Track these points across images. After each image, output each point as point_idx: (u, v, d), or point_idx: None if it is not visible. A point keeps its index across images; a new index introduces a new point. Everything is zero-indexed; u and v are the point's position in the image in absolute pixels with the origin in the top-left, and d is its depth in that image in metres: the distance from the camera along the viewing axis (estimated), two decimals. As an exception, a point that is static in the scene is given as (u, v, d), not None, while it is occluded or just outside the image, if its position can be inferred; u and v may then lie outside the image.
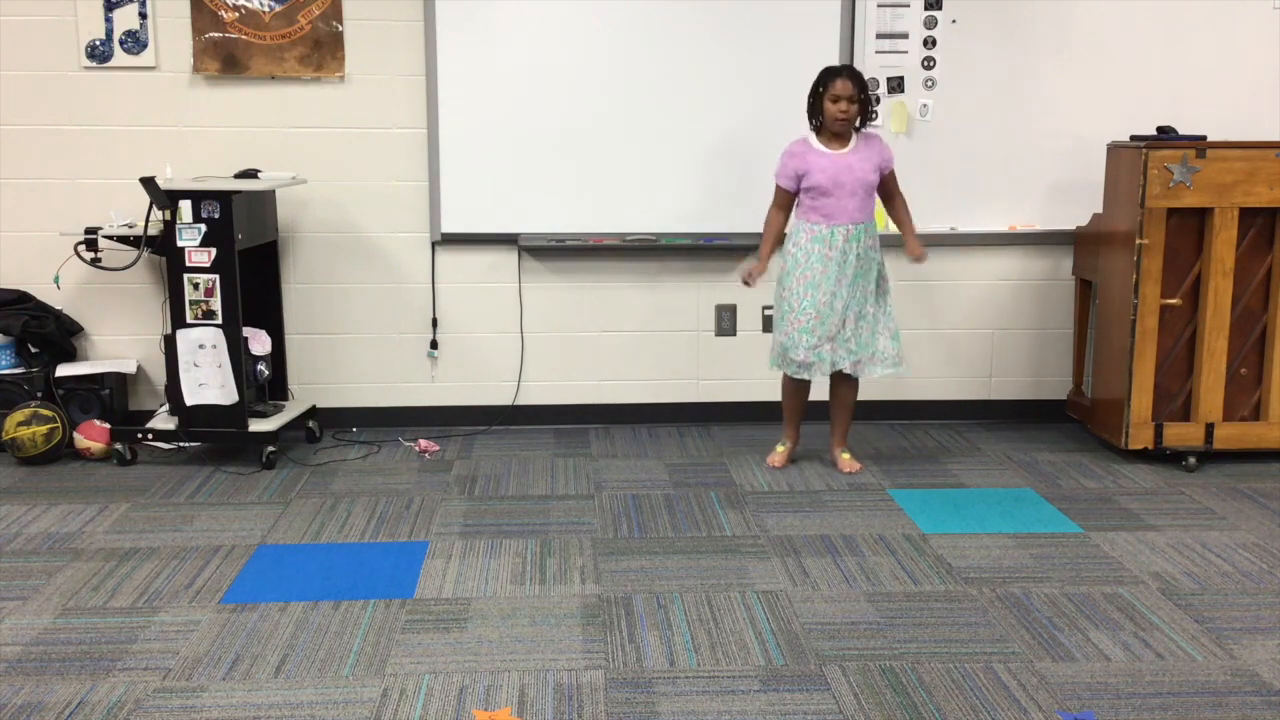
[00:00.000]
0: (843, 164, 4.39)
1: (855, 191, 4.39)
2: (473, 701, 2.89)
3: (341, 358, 5.26)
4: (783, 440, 4.81)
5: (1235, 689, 2.95)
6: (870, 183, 4.42)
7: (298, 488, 4.51)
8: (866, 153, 4.42)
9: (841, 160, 4.39)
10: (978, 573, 3.68)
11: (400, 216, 5.15)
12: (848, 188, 4.38)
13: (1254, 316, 4.72)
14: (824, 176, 4.38)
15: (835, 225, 4.40)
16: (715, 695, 2.92)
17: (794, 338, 4.49)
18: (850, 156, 4.40)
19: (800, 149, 4.45)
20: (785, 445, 4.79)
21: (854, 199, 4.39)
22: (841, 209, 4.39)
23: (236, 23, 4.93)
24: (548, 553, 3.85)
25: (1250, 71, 5.16)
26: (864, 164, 4.40)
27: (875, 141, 4.48)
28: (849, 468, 4.70)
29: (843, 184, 4.38)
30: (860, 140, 4.45)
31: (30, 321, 4.91)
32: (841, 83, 4.32)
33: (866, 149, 4.43)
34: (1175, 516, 4.20)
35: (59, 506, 4.29)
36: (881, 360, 4.56)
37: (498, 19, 4.99)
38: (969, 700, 2.90)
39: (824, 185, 4.38)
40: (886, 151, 4.48)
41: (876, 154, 4.44)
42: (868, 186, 4.42)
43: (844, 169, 4.38)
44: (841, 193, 4.38)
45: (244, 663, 3.10)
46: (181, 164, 4.97)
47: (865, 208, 4.43)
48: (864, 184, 4.40)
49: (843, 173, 4.38)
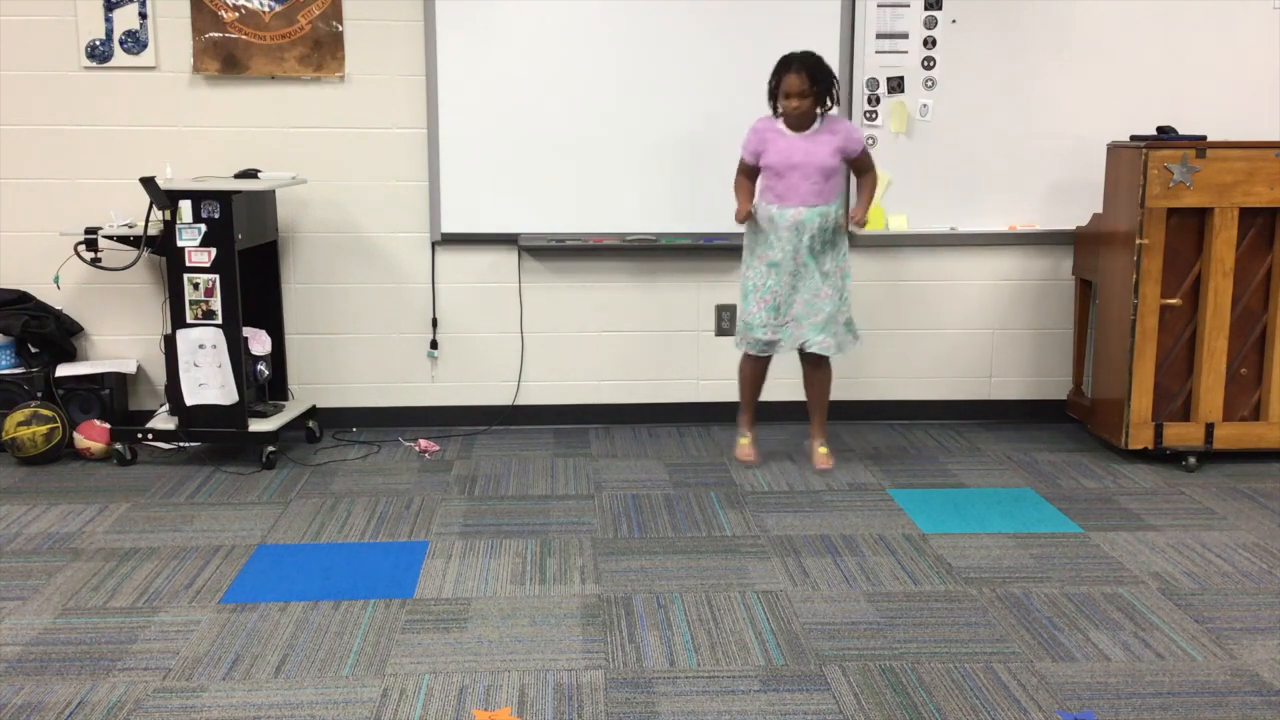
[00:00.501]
0: (799, 147, 4.39)
1: (809, 175, 4.38)
2: (473, 701, 2.89)
3: (341, 358, 5.26)
4: (742, 432, 4.82)
5: (1235, 689, 2.95)
6: (828, 167, 4.39)
7: (298, 488, 4.51)
8: (828, 137, 4.40)
9: (798, 143, 4.40)
10: (978, 573, 3.68)
11: (400, 216, 5.15)
12: (800, 170, 4.38)
13: (1254, 316, 4.72)
14: (778, 157, 4.39)
15: (786, 207, 4.42)
16: (715, 695, 2.92)
17: (758, 316, 4.52)
18: (808, 140, 4.40)
19: (764, 125, 4.47)
20: (747, 436, 4.80)
21: (807, 182, 4.38)
22: (794, 190, 4.40)
23: (236, 23, 4.93)
24: (548, 553, 3.85)
25: (1250, 71, 5.16)
26: (822, 148, 4.39)
27: (841, 125, 4.45)
28: (823, 464, 4.69)
29: (796, 166, 4.38)
30: (824, 124, 4.43)
31: (30, 321, 4.91)
32: (789, 79, 4.32)
33: (829, 133, 4.41)
34: (1175, 516, 4.20)
35: (59, 506, 4.29)
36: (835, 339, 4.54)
37: (498, 19, 4.99)
38: (969, 700, 2.90)
39: (777, 166, 4.40)
40: (854, 134, 4.45)
41: (840, 138, 4.41)
42: (824, 170, 4.39)
43: (799, 151, 4.39)
44: (794, 175, 4.38)
45: (244, 663, 3.10)
46: (181, 164, 4.97)
47: (822, 192, 4.41)
48: (820, 168, 4.38)
49: (797, 154, 4.38)
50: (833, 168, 4.41)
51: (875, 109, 5.14)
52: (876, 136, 5.15)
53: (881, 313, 5.34)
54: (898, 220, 5.23)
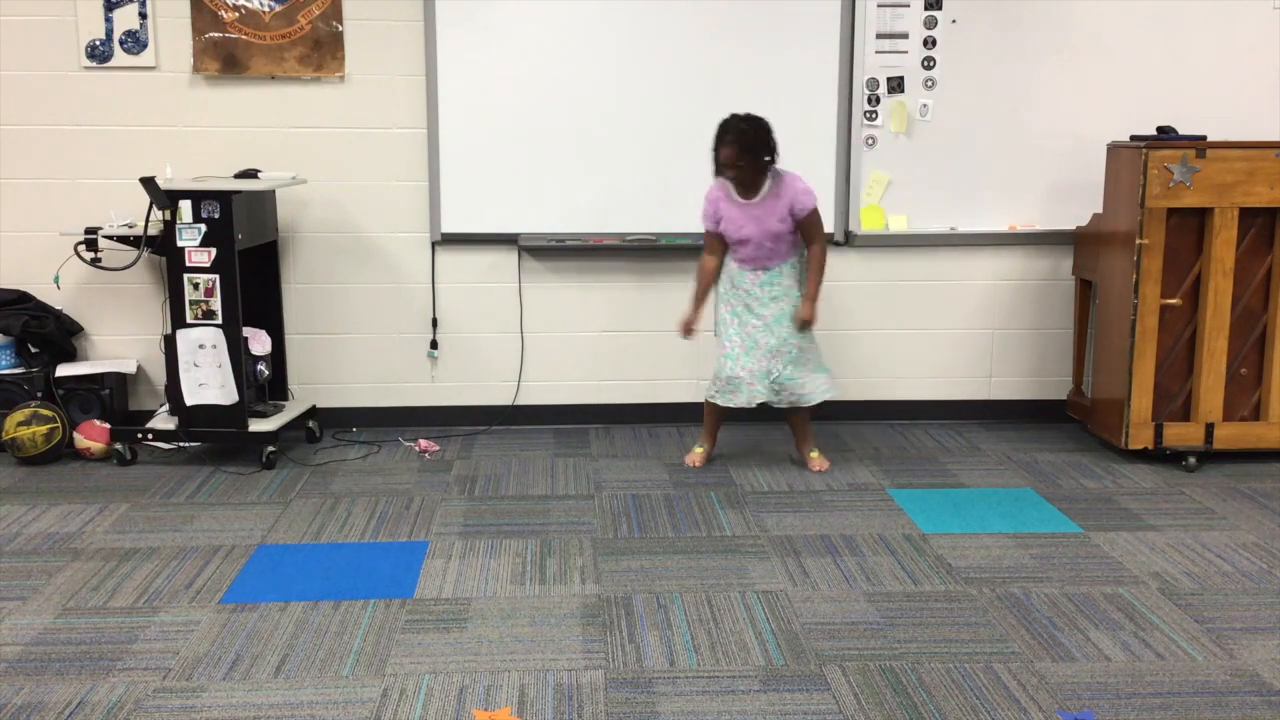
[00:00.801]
0: (749, 216, 4.45)
1: (761, 243, 4.47)
2: (473, 701, 2.89)
3: (341, 358, 5.26)
4: (700, 443, 4.85)
5: (1235, 689, 2.95)
6: (777, 232, 4.45)
7: (298, 488, 4.51)
8: (773, 201, 4.43)
9: (748, 212, 4.45)
10: (978, 573, 3.68)
11: (400, 216, 5.15)
12: (754, 240, 4.47)
13: (1254, 316, 4.72)
14: (731, 226, 4.48)
15: (744, 269, 4.53)
16: (715, 695, 2.92)
17: (722, 363, 4.58)
18: (758, 209, 4.44)
19: (716, 195, 4.53)
20: (703, 448, 4.83)
21: (761, 249, 4.48)
22: (750, 256, 4.51)
23: (236, 23, 4.93)
24: (548, 553, 3.85)
25: (1250, 71, 5.16)
26: (770, 215, 4.44)
27: (788, 189, 4.44)
28: (819, 466, 4.72)
29: (747, 237, 4.47)
30: (771, 186, 4.45)
31: (30, 321, 4.91)
32: (724, 151, 4.36)
33: (775, 198, 4.44)
34: (1175, 516, 4.20)
35: (59, 506, 4.29)
36: (812, 394, 4.59)
37: (498, 19, 4.99)
38: (969, 700, 2.90)
39: (732, 235, 4.49)
40: (799, 197, 4.43)
41: (786, 202, 4.43)
42: (774, 236, 4.46)
43: (750, 221, 4.45)
44: (748, 244, 4.48)
45: (244, 663, 3.10)
46: (181, 164, 4.97)
47: (775, 253, 4.50)
48: (769, 234, 4.45)
49: (748, 225, 4.45)
50: (782, 232, 4.47)
51: (875, 109, 5.14)
52: (876, 136, 5.15)
53: (882, 313, 5.34)
54: (898, 220, 5.23)
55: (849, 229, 5.23)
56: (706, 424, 4.82)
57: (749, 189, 4.45)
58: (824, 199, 5.17)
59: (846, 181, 5.18)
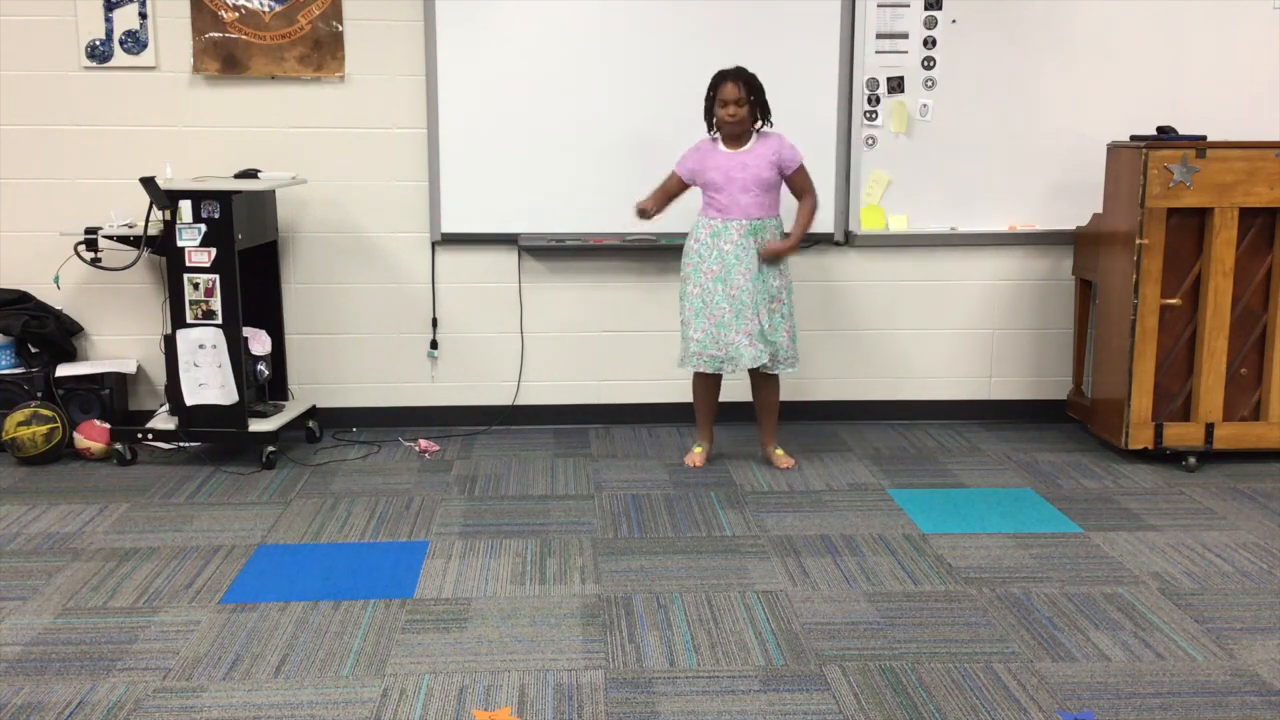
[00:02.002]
0: (736, 161, 4.46)
1: (749, 188, 4.45)
2: (473, 701, 2.89)
3: (341, 358, 5.26)
4: (699, 442, 4.83)
5: (1235, 689, 2.95)
6: (766, 179, 4.46)
7: (298, 488, 4.51)
8: (763, 151, 4.47)
9: (736, 158, 4.47)
10: (978, 573, 3.68)
11: (400, 216, 5.15)
12: (739, 183, 4.45)
13: (1254, 316, 4.72)
14: (718, 173, 4.47)
15: (730, 219, 4.48)
16: (715, 695, 2.92)
17: (711, 333, 4.51)
18: (745, 155, 4.46)
19: (705, 145, 4.56)
20: (702, 446, 4.82)
21: (747, 195, 4.45)
22: (735, 203, 4.47)
23: (236, 23, 4.93)
24: (548, 553, 3.85)
25: (1250, 71, 5.16)
26: (759, 161, 4.45)
27: (775, 140, 4.51)
28: (784, 464, 4.72)
29: (734, 179, 4.45)
30: (759, 140, 4.50)
31: (30, 321, 4.91)
32: (728, 86, 4.39)
33: (763, 147, 4.48)
34: (1175, 516, 4.20)
35: (59, 506, 4.29)
36: (782, 360, 4.61)
37: (498, 19, 4.99)
38: (969, 700, 2.90)
39: (717, 181, 4.47)
40: (787, 151, 4.49)
41: (774, 152, 4.47)
42: (762, 183, 4.46)
43: (737, 165, 4.46)
44: (733, 188, 4.45)
45: (244, 663, 3.10)
46: (181, 164, 4.96)
47: (762, 204, 4.48)
48: (758, 181, 4.45)
49: (735, 169, 4.45)
50: (770, 181, 4.48)
51: (875, 109, 5.14)
52: (876, 136, 5.15)
53: (882, 313, 5.34)
54: (898, 220, 5.23)
55: (849, 229, 5.23)
56: (700, 418, 4.79)
57: (738, 139, 4.48)
58: (824, 199, 5.16)
59: (846, 181, 5.18)
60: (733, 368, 4.55)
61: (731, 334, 4.49)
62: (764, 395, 4.73)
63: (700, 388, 4.73)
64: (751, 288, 4.47)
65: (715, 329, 4.51)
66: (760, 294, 4.50)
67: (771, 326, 4.55)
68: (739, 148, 4.49)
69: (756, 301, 4.49)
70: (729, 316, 4.49)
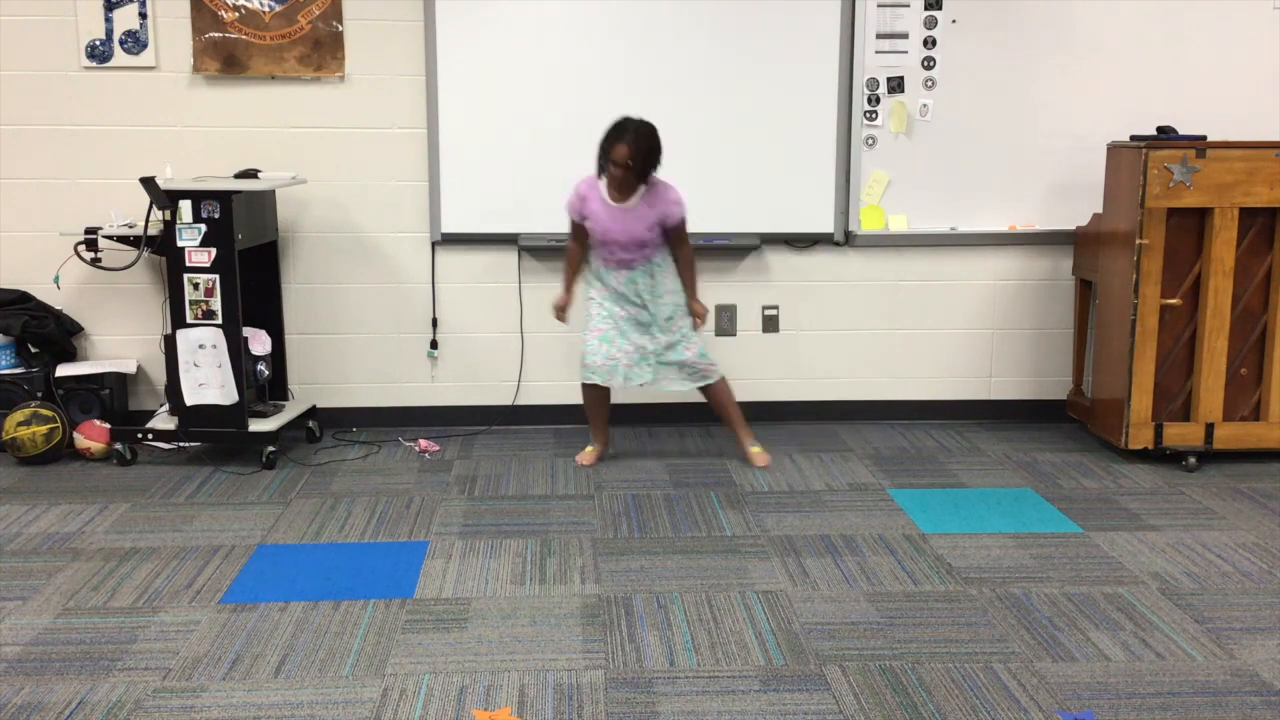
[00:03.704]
0: (616, 217, 4.46)
1: (626, 246, 4.48)
2: (473, 701, 2.89)
3: (341, 358, 5.26)
4: (592, 440, 4.88)
5: (1235, 689, 2.95)
6: (641, 239, 4.47)
7: (298, 488, 4.51)
8: (645, 210, 4.45)
9: (615, 214, 4.46)
10: (978, 573, 3.68)
11: (400, 216, 5.15)
12: (618, 242, 4.48)
13: (1254, 316, 4.72)
14: (596, 226, 4.49)
15: (608, 268, 4.56)
16: (715, 695, 2.92)
17: (591, 345, 4.61)
18: (627, 213, 4.45)
19: (586, 190, 4.53)
20: (593, 447, 4.85)
21: (625, 251, 4.50)
22: (612, 255, 4.53)
23: (236, 23, 4.93)
24: (548, 553, 3.85)
25: (1250, 71, 5.16)
26: (638, 222, 4.45)
27: (660, 195, 4.47)
28: (761, 461, 4.75)
29: (612, 239, 4.47)
30: (645, 194, 4.46)
31: (30, 321, 4.91)
32: (620, 148, 4.34)
33: (647, 205, 4.46)
34: (1175, 516, 4.20)
35: (59, 506, 4.29)
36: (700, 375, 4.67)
37: (498, 19, 4.99)
38: (969, 700, 2.90)
39: (596, 231, 4.50)
40: (671, 207, 4.47)
41: (657, 210, 4.46)
42: (638, 241, 4.48)
43: (615, 223, 4.46)
44: (611, 244, 4.49)
45: (244, 663, 3.10)
46: (181, 164, 4.97)
47: (640, 255, 4.52)
48: (634, 239, 4.47)
49: (613, 228, 4.46)
50: (647, 239, 4.50)
51: (875, 109, 5.14)
52: (876, 136, 5.15)
53: (882, 313, 5.34)
54: (898, 220, 5.23)
55: (849, 229, 5.23)
56: (592, 419, 4.83)
57: (624, 193, 4.45)
58: (824, 199, 5.19)
59: (846, 181, 5.18)
60: (608, 382, 4.62)
61: (614, 350, 4.59)
62: (715, 405, 4.80)
63: (586, 394, 4.78)
64: (634, 315, 4.58)
65: (599, 343, 4.60)
66: (645, 323, 4.58)
67: (671, 347, 4.61)
68: (622, 201, 4.45)
69: (640, 327, 4.58)
70: (613, 334, 4.59)
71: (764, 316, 5.33)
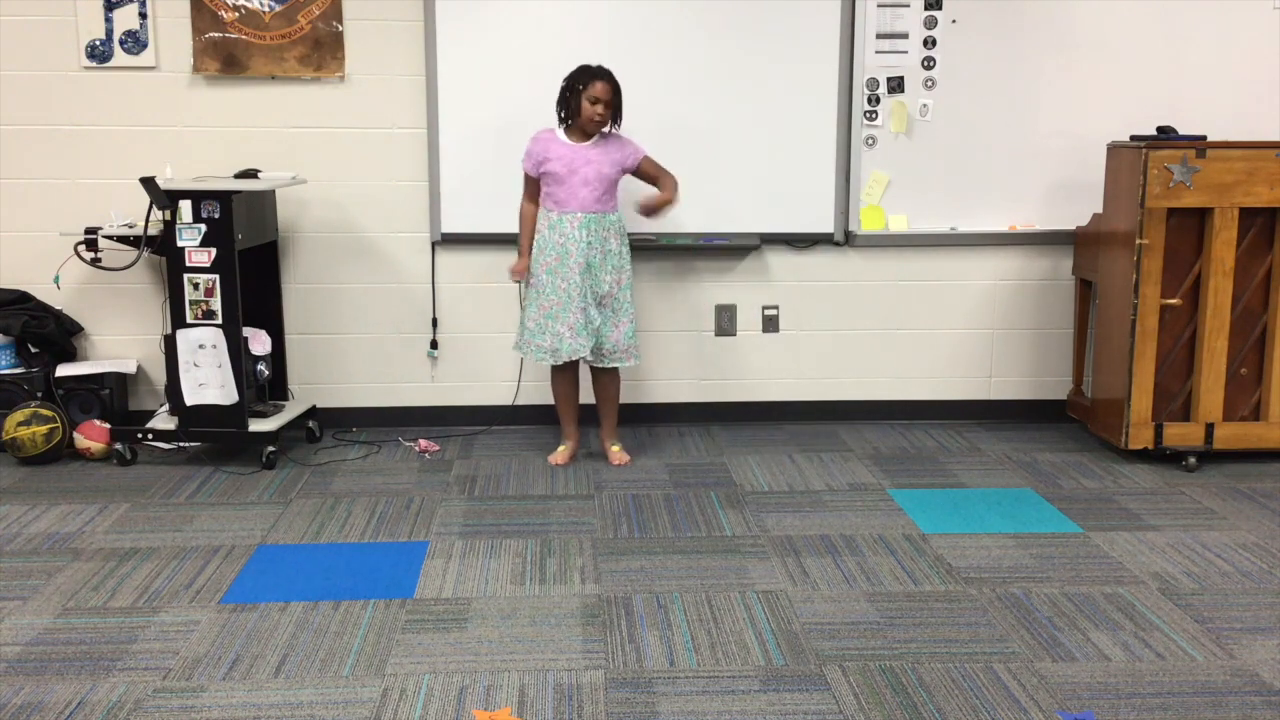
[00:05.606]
0: (581, 154, 4.48)
1: (589, 181, 4.47)
2: (473, 701, 2.89)
3: (341, 358, 5.26)
4: (562, 440, 4.86)
5: (1235, 689, 2.95)
6: (607, 176, 4.49)
7: (298, 488, 4.51)
8: (606, 149, 4.51)
9: (580, 151, 4.49)
10: (978, 573, 3.68)
11: (400, 216, 5.15)
12: (580, 176, 4.47)
13: (1254, 316, 4.72)
14: (560, 164, 4.48)
15: (565, 213, 4.51)
16: (715, 695, 2.92)
17: (540, 323, 4.58)
18: (591, 150, 4.49)
19: (545, 136, 4.55)
20: (565, 445, 4.84)
21: (587, 188, 4.48)
22: (573, 196, 4.49)
23: (236, 23, 4.93)
24: (548, 553, 3.85)
25: (1250, 71, 5.16)
26: (603, 158, 4.49)
27: (620, 141, 4.55)
28: (619, 460, 4.76)
29: (576, 171, 4.47)
30: (604, 139, 4.53)
31: (30, 321, 4.91)
32: (602, 85, 4.39)
33: (607, 146, 4.52)
34: (1175, 516, 4.20)
35: (59, 506, 4.29)
36: (612, 352, 4.65)
37: (498, 19, 4.99)
38: (969, 700, 2.90)
39: (559, 172, 4.49)
40: (631, 150, 4.55)
41: (618, 152, 4.52)
42: (604, 180, 4.49)
43: (581, 159, 4.48)
44: (574, 180, 4.47)
45: (244, 663, 3.10)
46: (181, 164, 4.97)
47: (601, 200, 4.51)
48: (600, 176, 4.47)
49: (579, 162, 4.47)
50: (611, 178, 4.52)
51: (875, 109, 5.14)
52: (876, 136, 5.15)
53: (882, 313, 5.34)
54: (898, 220, 5.23)
55: (849, 229, 5.23)
56: (560, 414, 4.82)
57: (585, 135, 4.50)
58: (824, 199, 5.18)
59: (846, 181, 5.18)
60: (556, 359, 4.59)
61: (558, 325, 4.55)
62: (600, 389, 4.79)
63: (554, 380, 4.77)
64: (580, 281, 4.52)
65: (544, 319, 4.57)
66: (588, 290, 4.54)
67: (604, 322, 4.60)
68: (583, 141, 4.50)
69: (585, 294, 4.53)
70: (557, 308, 4.54)
71: (764, 316, 5.33)
